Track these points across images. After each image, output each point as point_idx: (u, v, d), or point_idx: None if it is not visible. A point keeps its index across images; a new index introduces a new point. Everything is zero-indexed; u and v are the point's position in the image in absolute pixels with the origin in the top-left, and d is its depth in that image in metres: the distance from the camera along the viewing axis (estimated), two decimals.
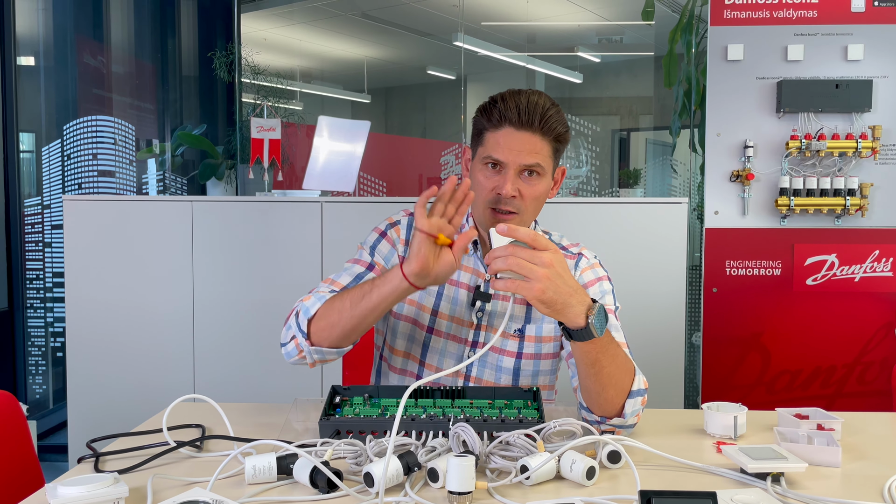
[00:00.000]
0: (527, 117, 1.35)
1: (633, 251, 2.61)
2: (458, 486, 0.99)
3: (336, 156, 3.47)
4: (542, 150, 1.37)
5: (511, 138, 1.36)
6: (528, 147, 1.36)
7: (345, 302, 1.30)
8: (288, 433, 1.27)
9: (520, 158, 1.36)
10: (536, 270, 1.09)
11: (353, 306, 1.28)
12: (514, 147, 1.36)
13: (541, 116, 1.35)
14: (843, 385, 2.57)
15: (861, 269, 2.54)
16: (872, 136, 2.49)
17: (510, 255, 1.10)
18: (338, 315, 1.30)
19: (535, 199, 1.40)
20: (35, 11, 3.69)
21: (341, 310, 1.30)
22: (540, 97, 1.38)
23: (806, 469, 1.06)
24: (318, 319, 1.33)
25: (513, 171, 1.36)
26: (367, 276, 1.45)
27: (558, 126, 1.38)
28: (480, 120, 1.42)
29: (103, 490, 0.94)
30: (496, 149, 1.37)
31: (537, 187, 1.39)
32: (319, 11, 5.00)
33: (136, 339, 2.73)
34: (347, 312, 1.29)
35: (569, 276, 1.13)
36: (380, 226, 1.54)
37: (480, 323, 1.47)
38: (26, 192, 3.55)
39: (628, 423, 1.26)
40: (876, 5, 2.50)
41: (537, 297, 1.10)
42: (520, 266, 1.09)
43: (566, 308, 1.13)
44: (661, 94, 4.32)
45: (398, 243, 1.50)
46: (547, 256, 1.10)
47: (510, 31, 4.81)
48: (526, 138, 1.36)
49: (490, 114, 1.39)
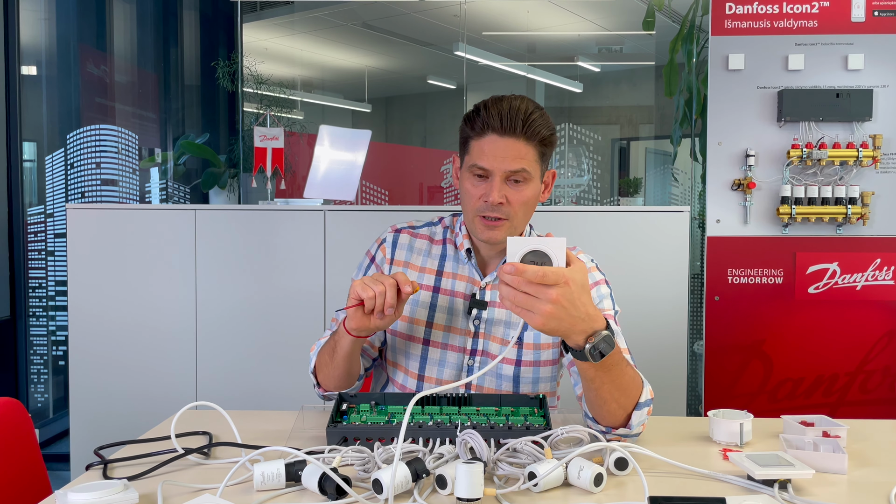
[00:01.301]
0: (509, 123, 1.35)
1: (635, 259, 2.61)
2: (466, 492, 0.99)
3: (337, 165, 3.48)
4: (527, 155, 1.37)
5: (495, 145, 1.36)
6: (513, 153, 1.35)
7: (325, 357, 1.42)
8: (295, 440, 1.27)
9: (504, 165, 1.36)
10: (540, 307, 1.06)
11: (331, 360, 1.40)
12: (498, 154, 1.36)
13: (523, 121, 1.35)
14: (846, 393, 2.57)
15: (863, 277, 2.55)
16: (873, 145, 2.50)
17: (517, 294, 1.06)
18: (327, 368, 1.42)
19: (523, 204, 1.40)
20: (39, 21, 3.71)
21: (327, 363, 1.42)
22: (522, 102, 1.37)
23: (813, 476, 1.06)
24: (318, 371, 1.46)
25: (499, 178, 1.36)
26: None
27: (542, 129, 1.37)
28: (465, 129, 1.42)
29: (114, 496, 0.95)
30: (481, 156, 1.37)
31: (525, 192, 1.39)
32: (321, 21, 5.03)
33: (138, 347, 2.73)
34: (330, 366, 1.41)
35: (577, 305, 1.08)
36: (370, 248, 1.58)
37: (478, 331, 1.48)
38: (28, 201, 3.56)
39: (633, 432, 1.26)
40: (876, 15, 2.52)
41: (538, 328, 1.09)
42: (525, 304, 1.07)
43: (568, 334, 1.11)
44: (661, 104, 4.34)
45: (383, 263, 1.54)
46: (554, 293, 1.05)
47: (511, 40, 4.84)
48: (510, 144, 1.35)
49: (473, 122, 1.39)
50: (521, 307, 1.07)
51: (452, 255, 1.52)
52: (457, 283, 1.49)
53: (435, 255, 1.53)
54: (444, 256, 1.52)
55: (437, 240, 1.55)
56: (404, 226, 1.58)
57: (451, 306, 1.48)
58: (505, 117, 1.35)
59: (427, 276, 1.51)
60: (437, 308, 1.48)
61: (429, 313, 1.49)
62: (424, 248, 1.54)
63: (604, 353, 1.11)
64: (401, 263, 1.53)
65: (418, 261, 1.52)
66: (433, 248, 1.54)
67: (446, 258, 1.52)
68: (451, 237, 1.54)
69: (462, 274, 1.50)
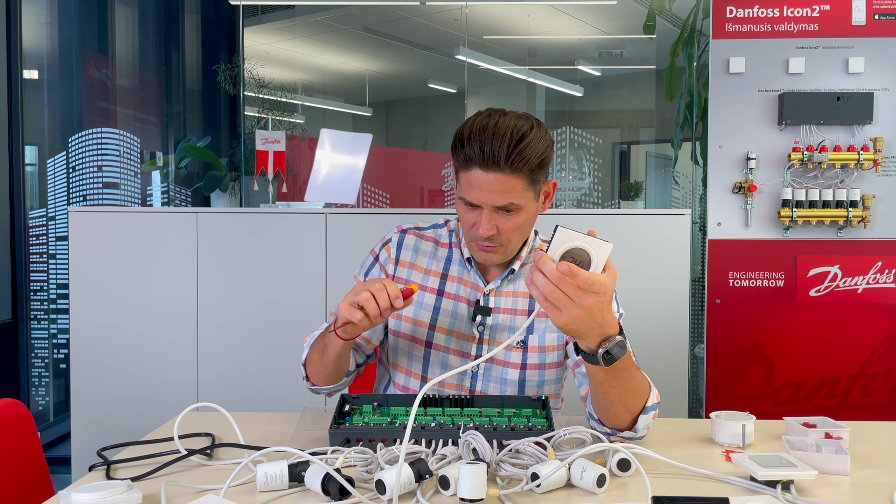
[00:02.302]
0: (491, 157, 1.27)
1: (636, 263, 2.62)
2: (469, 493, 0.99)
3: (338, 168, 3.49)
4: (515, 187, 1.30)
5: (480, 180, 1.30)
6: (498, 188, 1.29)
7: (315, 354, 1.41)
8: (298, 442, 1.27)
9: (490, 199, 1.31)
10: (572, 310, 1.04)
11: (321, 359, 1.38)
12: (483, 188, 1.30)
13: (507, 155, 1.27)
14: (847, 396, 2.57)
15: (864, 280, 2.55)
16: (874, 148, 2.50)
17: (554, 289, 1.04)
18: (317, 365, 1.41)
19: (515, 230, 1.37)
20: (41, 25, 3.72)
21: (316, 360, 1.40)
22: (509, 124, 1.29)
23: (815, 477, 1.06)
24: (308, 365, 1.45)
25: (487, 210, 1.33)
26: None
27: (530, 158, 1.29)
28: (454, 157, 1.36)
29: (118, 497, 0.95)
30: (468, 190, 1.33)
31: (516, 220, 1.35)
32: (322, 25, 5.04)
33: (140, 350, 2.73)
34: (320, 364, 1.40)
35: (603, 315, 1.07)
36: (375, 247, 1.56)
37: (482, 337, 1.47)
38: (29, 204, 3.56)
39: (638, 435, 1.26)
40: (876, 19, 2.53)
41: (559, 326, 1.07)
42: (558, 300, 1.04)
43: (582, 337, 1.10)
44: (661, 108, 4.34)
45: (388, 263, 1.52)
46: (589, 300, 1.04)
47: (512, 44, 4.85)
48: (495, 179, 1.29)
49: (458, 155, 1.33)
50: (552, 303, 1.05)
51: (458, 260, 1.51)
52: (461, 288, 1.48)
53: (441, 257, 1.52)
54: (450, 260, 1.51)
55: (443, 242, 1.54)
56: (410, 226, 1.56)
57: (455, 310, 1.48)
58: (487, 152, 1.27)
59: (432, 278, 1.50)
60: (441, 311, 1.48)
61: (432, 316, 1.48)
62: (430, 250, 1.53)
63: (616, 358, 1.11)
64: (406, 264, 1.52)
65: (423, 262, 1.52)
66: (439, 251, 1.53)
67: (452, 261, 1.51)
68: (456, 241, 1.53)
69: (466, 279, 1.49)
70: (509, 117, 1.31)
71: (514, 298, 1.48)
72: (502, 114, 1.32)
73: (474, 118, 1.33)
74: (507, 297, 1.48)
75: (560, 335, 1.48)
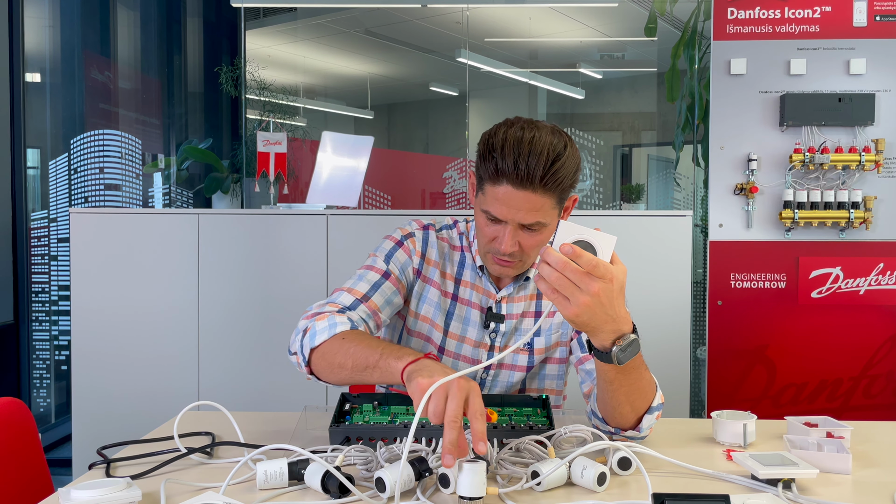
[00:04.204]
0: (526, 175, 1.22)
1: (638, 265, 2.61)
2: (469, 491, 0.99)
3: (339, 171, 3.49)
4: (544, 206, 1.27)
5: (510, 196, 1.25)
6: (527, 206, 1.25)
7: (348, 359, 1.21)
8: (298, 440, 1.27)
9: (518, 217, 1.27)
10: (580, 297, 1.01)
11: (353, 369, 1.21)
12: (512, 205, 1.25)
13: (542, 175, 1.22)
14: (850, 398, 2.56)
15: (866, 281, 2.54)
16: (875, 150, 2.50)
17: (560, 278, 1.01)
18: (339, 367, 1.23)
19: (536, 247, 1.33)
20: (43, 28, 3.73)
21: (342, 364, 1.22)
22: (546, 140, 1.24)
23: (817, 475, 1.06)
24: (322, 355, 1.27)
25: (512, 227, 1.29)
26: (383, 284, 1.41)
27: (564, 180, 1.26)
28: (480, 166, 1.29)
29: (117, 494, 0.94)
30: (494, 205, 1.27)
31: (539, 237, 1.31)
32: (323, 28, 5.04)
33: (141, 352, 2.73)
34: (347, 372, 1.22)
35: (614, 304, 1.04)
36: (394, 234, 1.49)
37: (494, 344, 1.46)
38: (31, 206, 3.57)
39: (641, 435, 1.26)
40: (878, 20, 2.53)
41: (570, 318, 1.04)
42: (564, 288, 1.02)
43: (595, 332, 1.07)
44: (663, 110, 4.34)
45: (414, 255, 1.46)
46: (596, 286, 1.01)
47: (513, 47, 4.85)
48: (525, 198, 1.25)
49: (487, 165, 1.26)
50: (560, 292, 1.02)
51: (470, 265, 1.48)
52: (474, 294, 1.47)
53: (454, 260, 1.49)
54: (463, 264, 1.49)
55: (456, 245, 1.50)
56: (430, 223, 1.51)
57: (468, 316, 1.46)
58: (522, 169, 1.22)
59: (447, 281, 1.48)
60: (454, 317, 1.47)
61: (446, 320, 1.47)
62: (446, 252, 1.50)
63: (629, 357, 1.10)
64: (432, 263, 1.47)
65: (442, 264, 1.48)
66: (453, 254, 1.50)
67: (465, 266, 1.48)
68: (466, 244, 1.50)
69: (478, 285, 1.47)
70: (544, 133, 1.26)
71: (524, 303, 1.47)
72: (536, 128, 1.26)
73: (506, 129, 1.27)
74: (518, 304, 1.47)
75: (564, 332, 1.47)
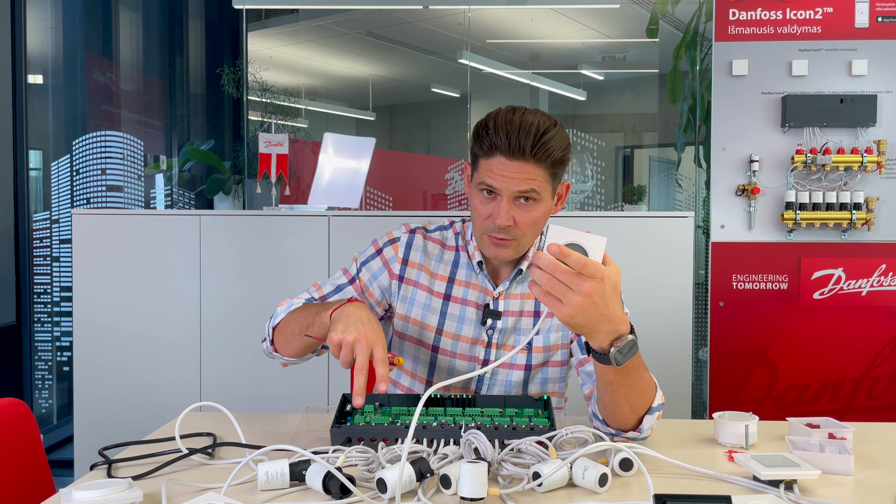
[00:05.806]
0: (517, 145, 1.29)
1: (639, 266, 2.61)
2: (470, 492, 0.99)
3: (341, 172, 3.50)
4: (538, 176, 1.32)
5: (503, 167, 1.31)
6: (521, 175, 1.31)
7: (295, 325, 1.34)
8: (299, 441, 1.27)
9: (513, 185, 1.32)
10: (572, 298, 1.02)
11: (300, 332, 1.32)
12: (506, 174, 1.31)
13: (532, 144, 1.29)
14: (852, 400, 2.56)
15: (868, 283, 2.54)
16: (878, 151, 2.50)
17: (551, 280, 1.02)
18: (290, 335, 1.35)
19: (531, 224, 1.36)
20: (45, 30, 3.74)
21: (293, 332, 1.34)
22: (534, 119, 1.31)
23: (819, 476, 1.06)
24: (280, 330, 1.39)
25: (507, 198, 1.33)
26: (346, 289, 1.48)
27: (554, 150, 1.32)
28: (474, 145, 1.37)
29: (118, 494, 0.94)
30: (489, 175, 1.33)
31: (533, 213, 1.35)
32: (325, 30, 5.05)
33: (143, 352, 2.73)
34: (297, 337, 1.33)
35: (608, 304, 1.04)
36: (379, 240, 1.52)
37: (491, 341, 1.47)
38: (33, 208, 3.57)
39: (642, 436, 1.25)
40: (880, 21, 2.53)
41: (565, 320, 1.05)
42: (556, 290, 1.03)
43: (592, 333, 1.08)
44: (664, 111, 4.34)
45: (394, 262, 1.49)
46: (587, 286, 1.02)
47: (515, 48, 4.85)
48: (518, 167, 1.31)
49: (482, 140, 1.34)
50: (552, 294, 1.03)
51: (465, 263, 1.49)
52: (469, 292, 1.47)
53: (447, 260, 1.50)
54: (457, 263, 1.49)
55: (450, 245, 1.52)
56: (418, 226, 1.54)
57: (462, 314, 1.47)
58: (514, 139, 1.29)
59: (438, 282, 1.49)
60: (448, 316, 1.47)
61: (439, 320, 1.47)
62: (437, 253, 1.51)
63: (628, 358, 1.10)
64: (415, 265, 1.49)
65: (430, 265, 1.50)
66: (445, 254, 1.51)
67: (459, 265, 1.49)
68: (462, 244, 1.51)
69: (475, 283, 1.48)
70: (533, 113, 1.33)
71: (521, 300, 1.47)
72: (526, 110, 1.34)
73: (497, 112, 1.35)
74: (515, 300, 1.47)
75: (564, 333, 1.47)
